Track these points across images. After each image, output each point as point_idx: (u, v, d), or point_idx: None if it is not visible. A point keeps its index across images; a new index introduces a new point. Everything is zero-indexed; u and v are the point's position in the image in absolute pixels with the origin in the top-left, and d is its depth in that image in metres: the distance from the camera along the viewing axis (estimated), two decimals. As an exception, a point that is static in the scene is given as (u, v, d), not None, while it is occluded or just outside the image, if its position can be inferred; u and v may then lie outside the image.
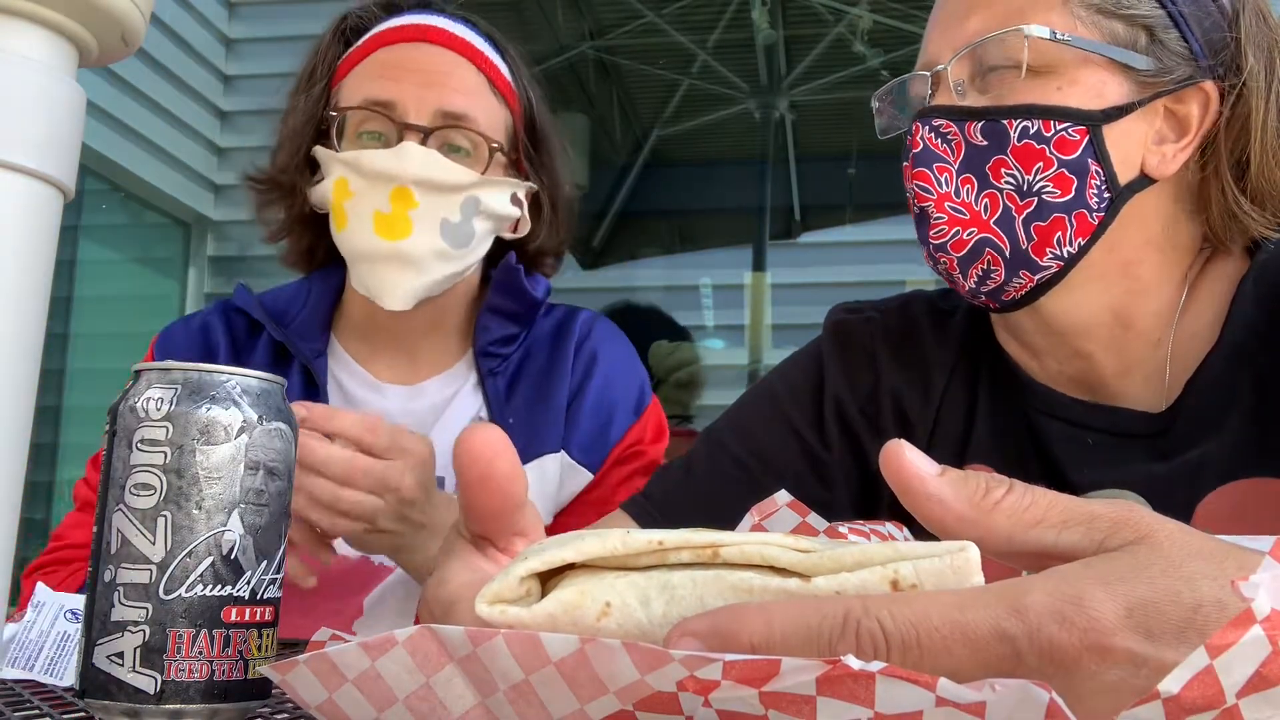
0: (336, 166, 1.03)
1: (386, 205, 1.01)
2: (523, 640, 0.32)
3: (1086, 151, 0.73)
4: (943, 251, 0.77)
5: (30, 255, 0.47)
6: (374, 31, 1.10)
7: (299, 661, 0.35)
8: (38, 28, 0.47)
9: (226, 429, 0.48)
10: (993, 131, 0.74)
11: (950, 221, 0.76)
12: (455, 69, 1.07)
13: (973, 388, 0.85)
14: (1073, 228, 0.74)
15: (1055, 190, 0.74)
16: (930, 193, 0.77)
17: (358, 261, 1.04)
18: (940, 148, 0.77)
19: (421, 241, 1.01)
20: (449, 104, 1.04)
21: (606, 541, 0.36)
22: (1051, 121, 0.73)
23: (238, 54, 3.92)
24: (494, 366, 1.13)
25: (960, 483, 0.35)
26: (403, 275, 1.02)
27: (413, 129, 1.02)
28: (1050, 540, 0.34)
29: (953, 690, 0.28)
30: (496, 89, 1.10)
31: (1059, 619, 0.30)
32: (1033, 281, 0.76)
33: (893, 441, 0.36)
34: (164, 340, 1.16)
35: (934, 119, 0.77)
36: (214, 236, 3.84)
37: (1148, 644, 0.30)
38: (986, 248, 0.75)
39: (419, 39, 1.08)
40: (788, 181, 3.94)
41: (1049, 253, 0.74)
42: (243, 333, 1.15)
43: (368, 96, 1.04)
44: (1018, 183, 0.74)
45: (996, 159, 0.74)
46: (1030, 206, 0.74)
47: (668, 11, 3.56)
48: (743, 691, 0.30)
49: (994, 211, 0.75)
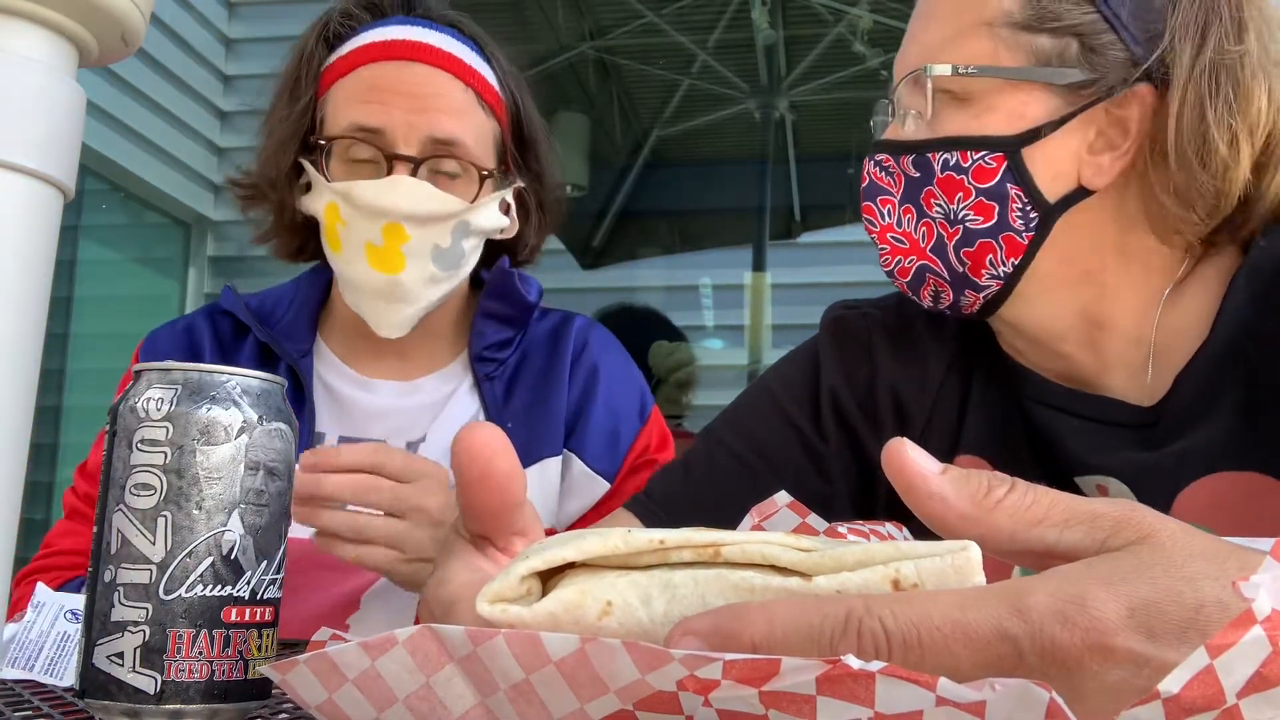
0: (327, 192, 1.03)
1: (379, 238, 1.01)
2: (523, 640, 0.32)
3: (1005, 177, 0.74)
4: (893, 276, 0.82)
5: (30, 255, 0.47)
6: (360, 41, 1.08)
7: (299, 661, 0.35)
8: (38, 28, 0.47)
9: (227, 429, 0.48)
10: (921, 164, 0.77)
11: (893, 251, 0.81)
12: (444, 89, 1.06)
13: (968, 380, 0.85)
14: (1002, 249, 0.75)
15: (977, 217, 0.75)
16: (874, 224, 0.81)
17: (351, 289, 1.05)
18: (884, 180, 0.80)
19: (414, 273, 1.02)
20: (439, 130, 1.03)
21: (608, 540, 0.36)
22: (968, 152, 0.75)
23: (238, 54, 3.92)
24: (490, 371, 1.13)
25: (962, 481, 0.35)
26: (396, 306, 1.03)
27: (402, 160, 1.02)
28: (1052, 539, 0.34)
29: (953, 690, 0.28)
30: (485, 102, 1.09)
31: (1061, 619, 0.30)
32: (979, 299, 0.78)
33: (895, 440, 0.36)
34: (149, 344, 1.15)
35: (877, 154, 0.81)
36: (214, 236, 3.84)
37: (1149, 644, 0.30)
38: (927, 273, 0.79)
39: (408, 57, 1.06)
40: (788, 181, 3.94)
41: (985, 273, 0.76)
42: (229, 334, 1.14)
43: (355, 122, 1.03)
44: (945, 211, 0.76)
45: (926, 190, 0.77)
46: (958, 234, 0.76)
47: (668, 11, 3.55)
48: (743, 691, 0.30)
49: (930, 239, 0.78)
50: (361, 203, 1.00)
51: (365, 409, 1.10)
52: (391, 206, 1.00)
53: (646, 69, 3.83)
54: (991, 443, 0.82)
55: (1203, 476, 0.72)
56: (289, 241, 1.15)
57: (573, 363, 1.15)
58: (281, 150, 1.08)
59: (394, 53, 1.06)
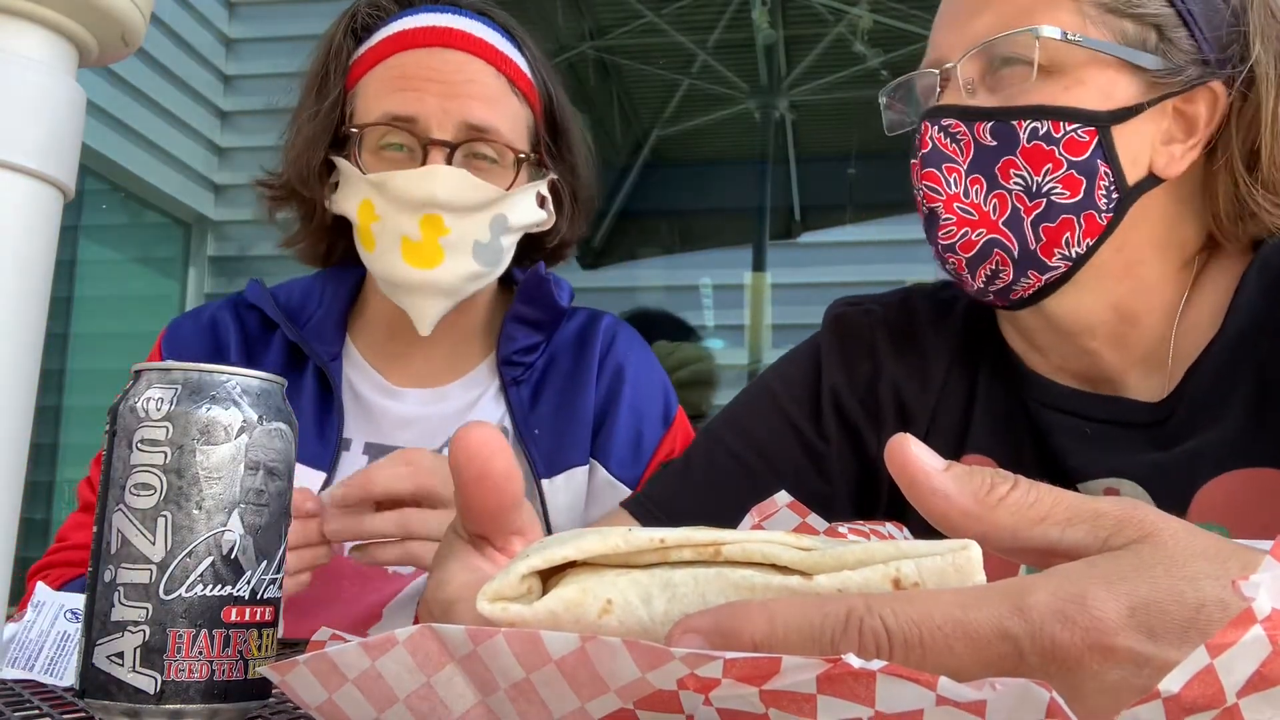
0: (361, 186, 1.01)
1: (416, 232, 0.99)
2: (523, 639, 0.32)
3: (1095, 152, 0.73)
4: (951, 252, 0.77)
5: (30, 255, 0.47)
6: (389, 30, 1.07)
7: (299, 662, 0.35)
8: (38, 28, 0.47)
9: (226, 429, 0.48)
10: (1002, 132, 0.74)
11: (959, 222, 0.76)
12: (477, 75, 1.04)
13: (972, 379, 0.85)
14: (1081, 228, 0.74)
15: (1064, 191, 0.73)
16: (939, 193, 0.76)
17: (388, 286, 1.03)
18: (949, 148, 0.76)
19: (453, 267, 1.00)
20: (473, 116, 1.02)
21: (608, 539, 0.36)
22: (1060, 122, 0.73)
23: (238, 54, 3.92)
24: (517, 375, 1.11)
25: (965, 478, 0.35)
26: (434, 302, 1.01)
27: (438, 144, 1.00)
28: (1055, 537, 0.34)
29: (953, 689, 0.28)
30: (518, 89, 1.07)
31: (1061, 618, 0.30)
32: (1040, 281, 0.76)
33: (898, 435, 0.36)
34: (171, 335, 1.13)
35: (943, 119, 0.76)
36: (214, 236, 3.84)
37: (1150, 644, 0.30)
38: (995, 248, 0.75)
39: (439, 44, 1.04)
40: (788, 181, 3.94)
41: (1057, 253, 0.74)
42: (255, 330, 1.12)
43: (389, 111, 1.01)
44: (1026, 183, 0.74)
45: (1005, 160, 0.74)
46: (1039, 208, 0.74)
47: (668, 11, 3.55)
48: (743, 690, 0.30)
49: (1003, 212, 0.75)
50: (398, 193, 0.98)
51: (393, 417, 1.09)
52: (428, 195, 0.98)
53: (646, 69, 3.83)
54: (997, 445, 0.82)
55: (1216, 475, 0.72)
56: (317, 244, 1.13)
57: (599, 363, 1.13)
58: (311, 147, 1.05)
59: (425, 39, 1.05)
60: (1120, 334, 0.78)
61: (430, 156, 1.00)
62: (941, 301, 0.90)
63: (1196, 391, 0.75)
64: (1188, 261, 0.78)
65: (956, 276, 0.78)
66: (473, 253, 1.01)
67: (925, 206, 0.78)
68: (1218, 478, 0.72)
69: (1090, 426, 0.79)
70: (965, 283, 0.78)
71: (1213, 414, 0.74)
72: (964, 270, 0.77)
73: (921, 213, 0.79)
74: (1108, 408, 0.79)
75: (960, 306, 0.89)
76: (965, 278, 0.77)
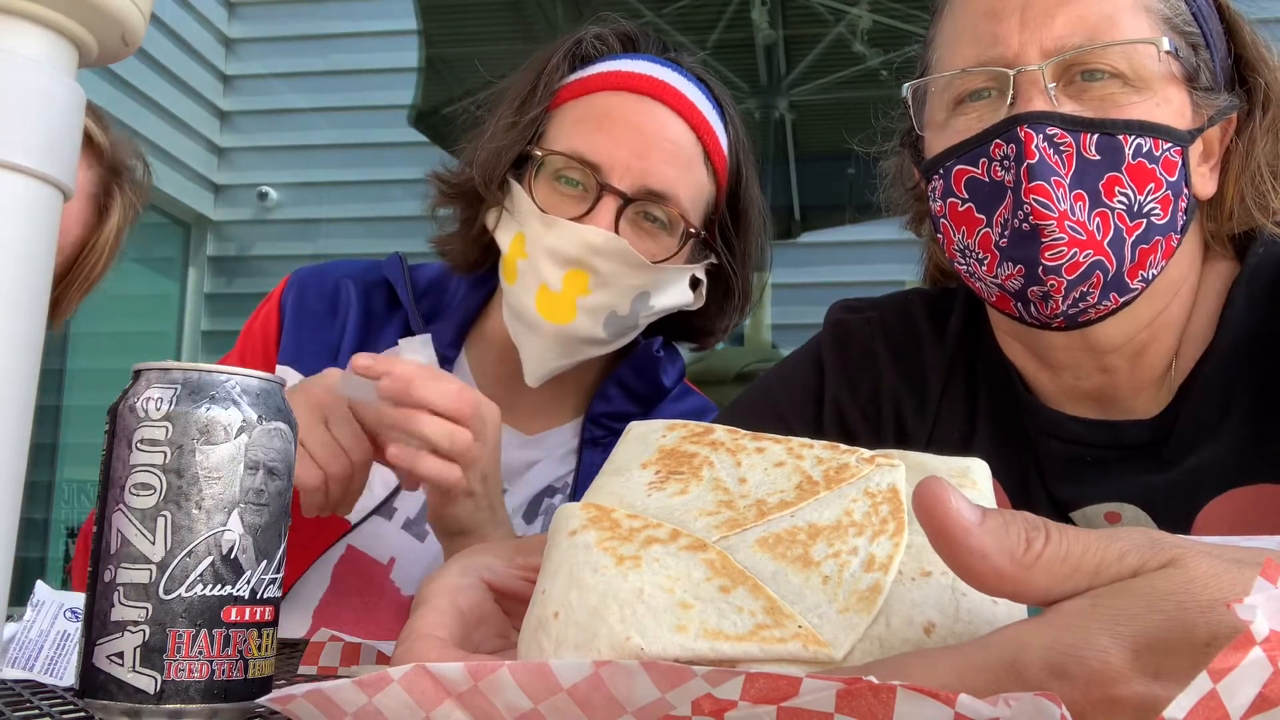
0: (521, 219, 0.99)
1: (558, 283, 0.96)
2: (530, 670, 0.32)
3: (1181, 174, 0.70)
4: (1054, 274, 0.69)
5: (30, 255, 0.47)
6: (606, 67, 1.04)
7: (296, 696, 0.36)
8: (38, 28, 0.47)
9: (226, 429, 0.48)
10: (1108, 146, 0.69)
11: (1070, 243, 0.68)
12: (677, 137, 1.01)
13: (971, 393, 0.84)
14: (1161, 250, 0.71)
15: (1160, 212, 0.70)
16: (1050, 210, 0.68)
17: (514, 320, 1.01)
18: (1053, 159, 0.69)
19: (581, 328, 0.97)
20: (657, 181, 0.98)
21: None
22: (1160, 140, 0.69)
23: (238, 54, 3.92)
24: (599, 436, 1.08)
25: (1001, 534, 0.33)
26: (550, 355, 0.99)
27: (613, 193, 0.97)
28: (1084, 587, 0.33)
29: (972, 706, 0.29)
30: (711, 161, 1.04)
31: (1059, 674, 0.30)
32: (1118, 304, 0.72)
33: (934, 480, 0.33)
34: (296, 286, 1.11)
35: (1048, 126, 0.69)
36: (214, 236, 3.84)
37: (1156, 685, 0.30)
38: (1096, 270, 0.69)
39: (649, 93, 1.01)
40: (788, 181, 3.94)
41: (1140, 275, 0.71)
42: (380, 309, 1.10)
43: (577, 149, 0.98)
44: (1129, 203, 0.69)
45: (1110, 176, 0.69)
46: (1139, 228, 0.69)
47: (668, 11, 3.55)
48: (759, 710, 0.30)
49: (1106, 233, 0.69)
50: (553, 241, 0.96)
51: None
52: (581, 255, 0.95)
53: (646, 69, 3.83)
54: (1001, 470, 0.80)
55: (1217, 495, 0.71)
56: (470, 252, 1.09)
57: None
58: (499, 156, 1.03)
59: (637, 85, 1.02)
60: (1141, 352, 0.76)
61: (602, 203, 0.97)
62: (939, 310, 0.89)
63: (1193, 407, 0.74)
64: (1194, 274, 0.78)
65: (1041, 298, 0.71)
66: (605, 322, 0.98)
67: (1029, 222, 0.69)
68: (1218, 497, 0.71)
69: (1091, 453, 0.77)
70: (1046, 304, 0.71)
71: (1210, 432, 0.72)
72: (1060, 293, 0.70)
73: (1020, 227, 0.70)
74: (1108, 433, 0.77)
75: (956, 316, 0.87)
76: (1054, 299, 0.70)
